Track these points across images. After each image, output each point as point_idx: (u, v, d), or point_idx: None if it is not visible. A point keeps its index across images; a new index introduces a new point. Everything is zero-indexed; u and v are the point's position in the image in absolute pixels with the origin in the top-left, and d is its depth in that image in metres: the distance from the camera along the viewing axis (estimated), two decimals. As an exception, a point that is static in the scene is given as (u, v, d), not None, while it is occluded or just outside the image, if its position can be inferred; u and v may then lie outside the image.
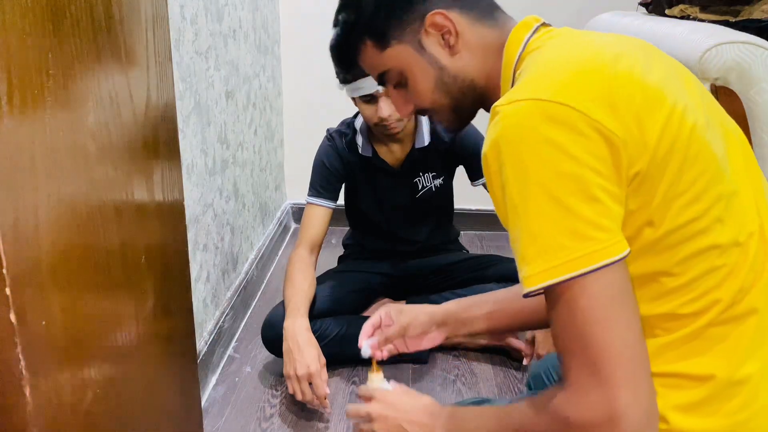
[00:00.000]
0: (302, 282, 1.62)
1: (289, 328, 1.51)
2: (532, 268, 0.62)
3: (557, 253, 0.61)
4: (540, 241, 0.62)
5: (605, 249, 0.61)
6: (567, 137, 0.61)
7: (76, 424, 0.74)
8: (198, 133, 1.56)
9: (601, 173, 0.61)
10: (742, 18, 1.71)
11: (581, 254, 0.60)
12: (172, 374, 1.06)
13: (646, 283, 0.68)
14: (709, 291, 0.67)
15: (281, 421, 1.51)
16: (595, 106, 0.62)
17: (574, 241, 0.60)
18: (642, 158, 0.63)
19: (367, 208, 1.85)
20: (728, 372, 0.67)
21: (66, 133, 0.68)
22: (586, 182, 0.61)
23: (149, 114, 0.90)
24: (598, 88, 0.64)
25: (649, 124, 0.64)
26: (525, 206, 0.62)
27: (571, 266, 0.60)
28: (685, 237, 0.65)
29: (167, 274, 1.01)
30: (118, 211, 0.82)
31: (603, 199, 0.61)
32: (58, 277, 0.69)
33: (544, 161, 0.61)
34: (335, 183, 1.77)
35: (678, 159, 0.64)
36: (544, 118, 0.62)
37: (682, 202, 0.65)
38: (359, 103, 1.61)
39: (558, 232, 0.61)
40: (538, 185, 0.61)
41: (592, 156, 0.61)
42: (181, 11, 1.41)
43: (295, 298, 1.57)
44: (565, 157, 0.61)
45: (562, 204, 0.61)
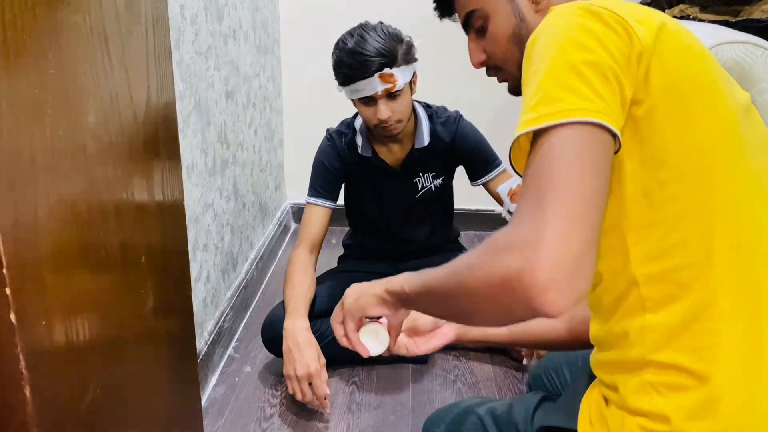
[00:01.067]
0: (302, 282, 1.62)
1: (289, 328, 1.51)
2: (529, 115, 0.64)
3: (555, 103, 0.62)
4: (543, 93, 0.64)
5: (598, 112, 0.62)
6: (600, 28, 0.66)
7: (76, 424, 0.74)
8: (198, 133, 1.56)
9: (619, 64, 0.65)
10: (742, 18, 1.71)
11: (574, 107, 0.62)
12: (172, 374, 1.06)
13: (642, 236, 0.69)
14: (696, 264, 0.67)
15: (281, 421, 1.51)
16: (637, 22, 0.67)
17: (573, 96, 0.62)
18: (659, 84, 0.66)
19: (368, 209, 1.85)
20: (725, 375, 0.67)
21: (66, 133, 0.68)
22: (603, 62, 0.64)
23: (149, 114, 0.90)
24: (647, 18, 0.68)
25: (679, 62, 0.68)
26: (542, 66, 0.65)
27: (562, 115, 0.61)
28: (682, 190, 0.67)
29: (167, 274, 1.01)
30: (118, 211, 0.82)
31: (612, 81, 0.64)
32: (58, 277, 0.69)
33: (573, 36, 0.65)
34: (335, 183, 1.76)
35: (696, 112, 0.68)
36: (585, 12, 0.67)
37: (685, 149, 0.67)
38: (358, 105, 1.61)
39: (562, 88, 0.63)
40: (560, 50, 0.65)
41: (616, 49, 0.65)
42: (181, 11, 1.41)
43: (295, 299, 1.57)
44: (591, 38, 0.65)
45: (575, 69, 0.64)
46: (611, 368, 0.75)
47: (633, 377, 0.72)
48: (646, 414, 0.70)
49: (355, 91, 1.56)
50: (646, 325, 0.70)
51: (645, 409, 0.70)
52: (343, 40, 1.57)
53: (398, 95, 1.56)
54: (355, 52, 1.52)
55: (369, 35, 1.54)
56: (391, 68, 1.52)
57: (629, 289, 0.71)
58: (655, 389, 0.70)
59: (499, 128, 2.59)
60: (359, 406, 1.56)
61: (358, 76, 1.52)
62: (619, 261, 0.71)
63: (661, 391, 0.69)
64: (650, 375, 0.70)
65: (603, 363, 0.77)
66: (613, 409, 0.74)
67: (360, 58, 1.51)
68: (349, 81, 1.55)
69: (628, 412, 0.72)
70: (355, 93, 1.56)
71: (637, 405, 0.71)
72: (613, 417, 0.74)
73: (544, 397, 0.92)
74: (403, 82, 1.54)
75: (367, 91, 1.54)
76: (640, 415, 0.71)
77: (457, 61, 2.42)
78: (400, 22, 1.61)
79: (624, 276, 0.71)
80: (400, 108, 1.58)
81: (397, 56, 1.53)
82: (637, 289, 0.70)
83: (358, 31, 1.56)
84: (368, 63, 1.51)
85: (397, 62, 1.53)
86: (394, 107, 1.57)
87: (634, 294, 0.70)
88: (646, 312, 0.70)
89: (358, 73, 1.52)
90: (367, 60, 1.51)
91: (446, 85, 2.43)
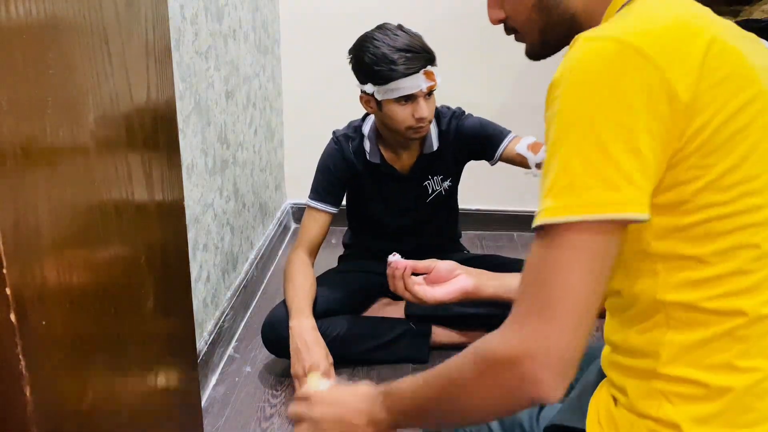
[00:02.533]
0: (303, 282, 1.62)
1: (296, 328, 1.51)
2: (551, 202, 0.61)
3: (580, 193, 0.60)
4: (569, 178, 0.60)
5: (623, 204, 0.59)
6: (633, 87, 0.60)
7: (76, 424, 0.74)
8: (198, 133, 1.56)
9: (653, 132, 0.60)
10: (742, 18, 1.71)
11: (599, 201, 0.59)
12: (172, 374, 1.06)
13: (674, 266, 0.66)
14: (736, 294, 0.65)
15: (281, 421, 1.51)
16: (676, 65, 0.60)
17: (599, 185, 0.59)
18: (707, 128, 0.61)
19: (374, 213, 1.82)
20: (746, 384, 0.66)
21: (66, 133, 0.68)
22: (635, 136, 0.60)
23: (149, 114, 0.90)
24: (689, 47, 0.62)
25: (729, 97, 0.62)
26: (567, 140, 0.61)
27: (585, 210, 0.59)
28: (730, 228, 0.64)
29: (167, 274, 1.01)
30: (118, 211, 0.82)
31: (646, 155, 0.60)
32: (58, 277, 0.69)
33: (601, 104, 0.60)
34: (339, 188, 1.74)
35: (747, 144, 0.63)
36: (618, 62, 0.60)
37: (739, 190, 0.63)
38: (391, 105, 1.53)
39: (588, 172, 0.60)
40: (587, 124, 0.60)
41: (651, 113, 0.60)
42: (181, 11, 1.41)
43: (298, 298, 1.57)
44: (622, 106, 0.60)
45: (604, 149, 0.59)
46: (622, 371, 0.75)
47: (643, 383, 0.71)
48: (655, 419, 0.70)
49: (395, 90, 1.50)
50: (665, 340, 0.69)
51: (653, 415, 0.70)
52: (374, 38, 1.52)
53: (432, 95, 1.55)
54: (401, 48, 1.48)
55: (403, 33, 1.52)
56: (433, 65, 1.52)
57: (656, 309, 0.69)
58: (665, 397, 0.69)
59: (499, 128, 2.60)
60: (359, 406, 1.56)
61: (402, 73, 1.47)
62: (648, 285, 0.69)
63: (672, 400, 0.69)
64: (661, 384, 0.69)
65: (614, 364, 0.77)
66: (622, 410, 0.74)
67: (407, 54, 1.47)
68: (390, 79, 1.49)
69: (637, 415, 0.72)
70: (395, 92, 1.50)
71: (645, 410, 0.70)
72: (622, 418, 0.73)
73: None
74: (440, 81, 1.53)
75: (410, 88, 1.49)
76: (649, 419, 0.70)
77: (456, 61, 2.42)
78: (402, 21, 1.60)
79: (652, 298, 0.69)
80: (432, 108, 1.57)
81: (434, 54, 1.52)
82: (664, 310, 0.68)
83: (390, 30, 1.52)
84: (415, 59, 1.48)
85: (436, 60, 1.53)
86: (430, 107, 1.55)
87: (661, 314, 0.69)
88: (669, 330, 0.68)
89: (402, 69, 1.47)
90: (414, 56, 1.48)
91: (445, 85, 2.43)
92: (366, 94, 1.58)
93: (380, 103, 1.55)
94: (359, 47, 1.54)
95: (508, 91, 2.42)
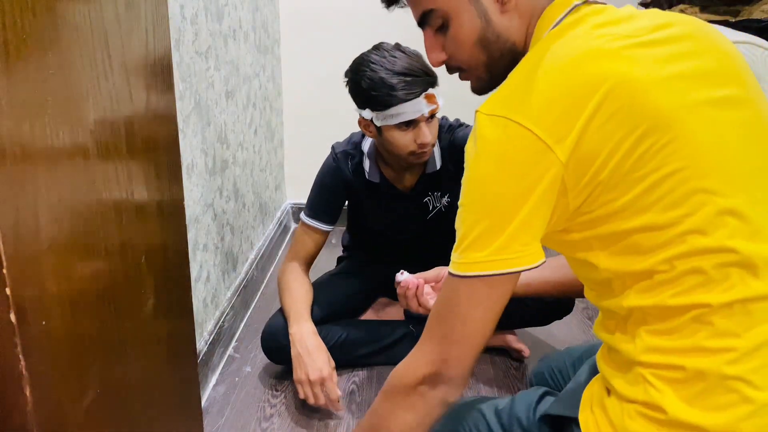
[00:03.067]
0: (299, 289, 1.61)
1: (297, 334, 1.50)
2: (462, 258, 0.74)
3: (480, 253, 0.72)
4: (473, 238, 0.72)
5: (519, 258, 0.71)
6: (522, 162, 0.69)
7: (76, 424, 0.74)
8: (198, 133, 1.56)
9: (544, 197, 0.69)
10: (742, 18, 1.71)
11: (497, 259, 0.71)
12: (172, 374, 1.06)
13: (639, 278, 0.72)
14: (694, 290, 0.69)
15: (281, 421, 1.51)
16: (559, 129, 0.67)
17: (496, 247, 0.71)
18: (603, 172, 0.68)
19: (373, 227, 1.79)
20: (721, 363, 0.68)
21: (66, 133, 0.68)
22: (526, 205, 0.69)
23: (149, 114, 0.90)
24: (575, 103, 0.68)
25: (620, 136, 0.67)
26: (472, 208, 0.73)
27: (486, 266, 0.72)
28: (664, 240, 0.69)
29: (167, 274, 1.01)
30: (118, 211, 0.82)
31: (535, 222, 0.71)
32: (58, 277, 0.69)
33: (497, 179, 0.70)
34: (336, 206, 1.69)
35: (649, 180, 0.68)
36: (509, 141, 0.69)
37: (656, 208, 0.69)
38: (392, 130, 1.45)
39: (486, 236, 0.71)
40: (485, 196, 0.71)
41: (541, 181, 0.69)
42: (181, 11, 1.41)
43: (296, 305, 1.56)
44: (514, 181, 0.69)
45: (500, 218, 0.70)
46: (609, 362, 0.79)
47: (628, 373, 0.74)
48: (642, 403, 0.72)
49: (395, 116, 1.42)
50: (639, 331, 0.73)
51: (640, 399, 0.72)
52: (370, 62, 1.43)
53: (435, 117, 1.47)
54: (400, 72, 1.39)
55: (402, 54, 1.43)
56: (433, 88, 1.43)
57: (631, 314, 0.74)
58: (648, 382, 0.72)
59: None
60: (359, 406, 1.56)
61: (402, 98, 1.39)
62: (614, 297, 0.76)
63: (655, 384, 0.71)
64: (642, 369, 0.73)
65: (604, 356, 0.80)
66: (613, 399, 0.76)
67: (407, 78, 1.39)
68: (389, 105, 1.40)
69: (625, 401, 0.74)
70: (396, 117, 1.42)
71: (633, 395, 0.73)
72: (612, 405, 0.76)
73: (546, 391, 0.93)
74: (442, 103, 1.45)
75: (412, 114, 1.40)
76: (636, 403, 0.73)
77: (457, 61, 2.42)
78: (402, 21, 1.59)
79: (620, 306, 0.75)
80: (435, 131, 1.49)
81: (436, 76, 1.43)
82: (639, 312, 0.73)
83: (388, 52, 1.43)
84: (415, 83, 1.39)
85: (437, 81, 1.44)
86: (432, 130, 1.47)
87: (637, 315, 0.74)
88: (643, 324, 0.73)
89: (402, 95, 1.39)
90: (414, 80, 1.39)
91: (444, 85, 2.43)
92: (365, 120, 1.50)
93: (380, 129, 1.48)
94: (356, 71, 1.46)
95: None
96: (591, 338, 1.87)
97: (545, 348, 1.81)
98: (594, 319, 1.95)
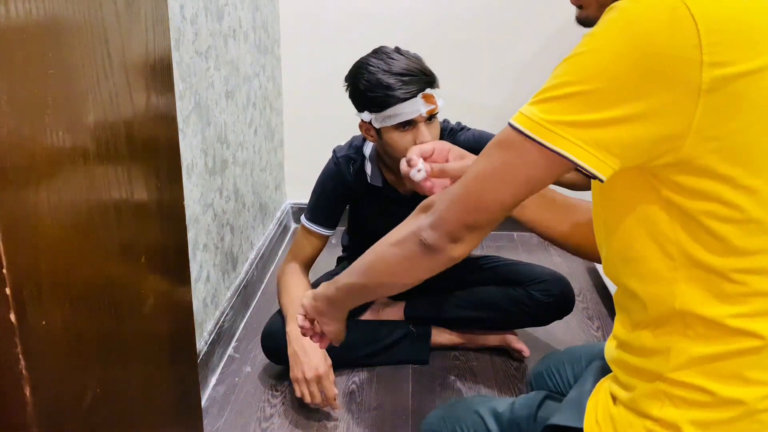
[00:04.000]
0: (296, 288, 1.61)
1: (293, 332, 1.50)
2: (534, 111, 0.63)
3: (560, 121, 0.61)
4: (562, 99, 0.61)
5: (591, 157, 0.60)
6: (665, 55, 0.57)
7: (76, 424, 0.74)
8: (198, 133, 1.56)
9: (667, 108, 0.58)
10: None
11: (571, 140, 0.60)
12: (172, 374, 1.06)
13: (702, 279, 0.65)
14: (758, 316, 0.64)
15: (281, 421, 1.51)
16: (720, 45, 0.57)
17: (580, 127, 0.60)
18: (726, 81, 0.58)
19: (374, 230, 1.80)
20: (755, 397, 0.66)
21: (66, 133, 0.68)
22: (642, 107, 0.58)
23: (149, 114, 0.90)
24: (743, 29, 0.58)
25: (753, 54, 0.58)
26: (578, 68, 0.60)
27: (557, 141, 0.61)
28: (756, 248, 0.63)
29: (167, 274, 1.01)
30: (118, 211, 0.82)
31: (635, 131, 0.59)
32: (58, 277, 0.69)
33: (629, 61, 0.58)
34: (337, 211, 1.69)
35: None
36: (663, 21, 0.57)
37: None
38: (391, 132, 1.45)
39: (578, 109, 0.60)
40: (602, 67, 0.59)
41: (672, 91, 0.57)
42: (181, 11, 1.41)
43: (293, 304, 1.56)
44: (644, 71, 0.57)
45: (604, 100, 0.59)
46: (628, 369, 0.75)
47: (648, 384, 0.71)
48: (655, 419, 0.70)
49: (393, 116, 1.42)
50: (678, 347, 0.68)
51: (654, 415, 0.70)
52: (368, 64, 1.44)
53: (435, 119, 1.47)
54: (397, 73, 1.40)
55: (400, 56, 1.43)
56: (432, 88, 1.43)
57: (675, 317, 0.68)
58: (669, 399, 0.69)
59: (499, 128, 2.59)
60: (359, 406, 1.56)
61: (399, 98, 1.39)
62: (667, 292, 0.68)
63: (676, 403, 0.69)
64: (666, 386, 0.69)
65: (620, 361, 0.76)
66: (620, 408, 0.74)
67: (403, 78, 1.39)
68: (386, 105, 1.41)
69: (636, 413, 0.72)
70: (394, 118, 1.42)
71: (646, 409, 0.71)
72: (620, 417, 0.73)
73: (547, 396, 0.92)
74: (441, 104, 1.45)
75: (410, 114, 1.40)
76: (648, 419, 0.70)
77: (455, 61, 2.43)
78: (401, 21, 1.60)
79: (670, 306, 0.68)
80: (436, 133, 1.47)
81: (435, 76, 1.44)
82: (683, 320, 0.67)
83: (386, 54, 1.44)
84: (412, 83, 1.40)
85: (437, 82, 1.44)
86: (432, 132, 1.45)
87: (679, 323, 0.68)
88: (684, 338, 0.68)
89: (399, 94, 1.39)
90: (411, 79, 1.40)
91: (445, 85, 2.43)
92: (365, 123, 1.50)
93: (379, 131, 1.47)
94: (354, 74, 1.47)
95: (508, 91, 2.43)
96: (591, 338, 1.87)
97: (545, 348, 1.81)
98: (594, 320, 1.95)
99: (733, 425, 0.66)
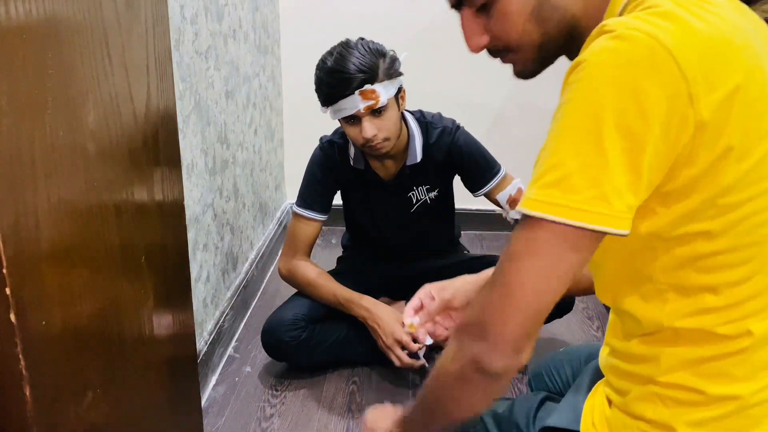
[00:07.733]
0: (324, 276, 1.67)
1: (365, 312, 1.59)
2: (540, 194, 0.59)
3: (568, 194, 0.58)
4: (562, 173, 0.58)
5: (610, 217, 0.58)
6: (657, 97, 0.56)
7: (76, 424, 0.74)
8: (198, 133, 1.56)
9: (660, 152, 0.57)
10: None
11: (587, 209, 0.57)
12: (172, 374, 1.06)
13: (686, 295, 0.66)
14: (747, 317, 0.65)
15: (281, 421, 1.51)
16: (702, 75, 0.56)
17: (591, 193, 0.57)
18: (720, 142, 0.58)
19: (361, 218, 1.82)
20: (746, 392, 0.66)
21: (66, 133, 0.68)
22: (641, 151, 0.56)
23: (149, 114, 0.90)
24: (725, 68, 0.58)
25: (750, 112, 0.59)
26: (572, 133, 0.58)
27: (572, 214, 0.58)
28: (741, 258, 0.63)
29: (167, 274, 1.01)
30: (118, 211, 0.82)
31: (644, 175, 0.57)
32: (58, 277, 0.69)
33: (618, 108, 0.56)
34: (326, 194, 1.72)
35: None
36: (650, 65, 0.56)
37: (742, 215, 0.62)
38: (344, 125, 1.54)
39: (583, 176, 0.57)
40: (594, 123, 0.57)
41: (666, 131, 0.56)
42: (181, 11, 1.41)
43: (339, 290, 1.64)
44: (639, 117, 0.56)
45: (606, 155, 0.56)
46: (619, 374, 0.75)
47: (640, 387, 0.72)
48: (648, 421, 0.70)
49: (337, 111, 1.50)
50: (667, 352, 0.69)
51: (647, 417, 0.70)
52: (323, 60, 1.51)
53: (383, 112, 1.49)
54: (333, 71, 1.46)
55: (349, 52, 1.48)
56: (372, 84, 1.45)
57: (663, 330, 0.69)
58: (661, 400, 0.69)
59: (499, 128, 2.59)
60: (359, 406, 1.56)
61: (338, 95, 1.46)
62: (657, 309, 0.68)
63: (668, 404, 0.69)
64: (657, 388, 0.70)
65: (612, 366, 0.77)
66: (615, 411, 0.74)
67: (339, 76, 1.45)
68: (330, 101, 1.49)
69: (630, 416, 0.72)
70: (338, 113, 1.50)
71: (639, 412, 0.71)
72: (615, 419, 0.74)
73: (546, 397, 0.92)
74: (386, 98, 1.47)
75: (349, 109, 1.47)
76: (641, 421, 0.71)
77: (455, 61, 2.43)
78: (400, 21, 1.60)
79: (659, 322, 0.69)
80: (387, 125, 1.50)
81: (377, 72, 1.46)
82: (674, 331, 0.68)
83: (338, 50, 1.50)
84: (347, 80, 1.44)
85: (378, 78, 1.46)
86: (380, 125, 1.49)
87: (670, 333, 0.68)
88: (674, 346, 0.68)
89: (337, 91, 1.46)
90: (346, 77, 1.44)
91: (445, 85, 2.43)
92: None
93: (339, 122, 1.56)
94: (315, 68, 1.55)
95: (508, 91, 2.42)
96: (591, 338, 1.87)
97: (545, 348, 1.81)
98: (594, 320, 1.95)
99: (724, 421, 0.67)
